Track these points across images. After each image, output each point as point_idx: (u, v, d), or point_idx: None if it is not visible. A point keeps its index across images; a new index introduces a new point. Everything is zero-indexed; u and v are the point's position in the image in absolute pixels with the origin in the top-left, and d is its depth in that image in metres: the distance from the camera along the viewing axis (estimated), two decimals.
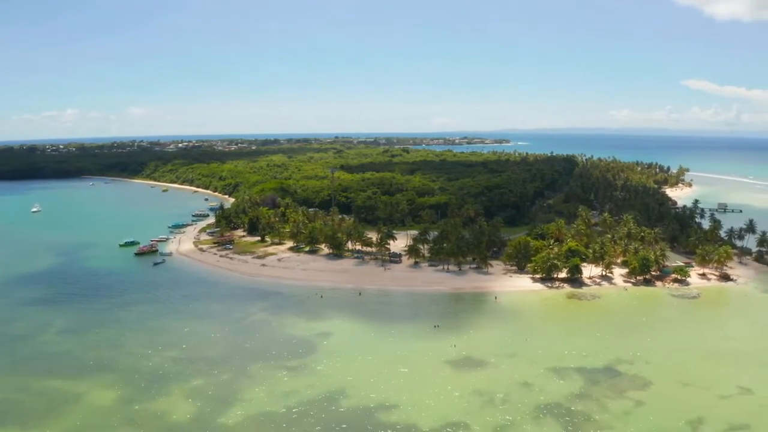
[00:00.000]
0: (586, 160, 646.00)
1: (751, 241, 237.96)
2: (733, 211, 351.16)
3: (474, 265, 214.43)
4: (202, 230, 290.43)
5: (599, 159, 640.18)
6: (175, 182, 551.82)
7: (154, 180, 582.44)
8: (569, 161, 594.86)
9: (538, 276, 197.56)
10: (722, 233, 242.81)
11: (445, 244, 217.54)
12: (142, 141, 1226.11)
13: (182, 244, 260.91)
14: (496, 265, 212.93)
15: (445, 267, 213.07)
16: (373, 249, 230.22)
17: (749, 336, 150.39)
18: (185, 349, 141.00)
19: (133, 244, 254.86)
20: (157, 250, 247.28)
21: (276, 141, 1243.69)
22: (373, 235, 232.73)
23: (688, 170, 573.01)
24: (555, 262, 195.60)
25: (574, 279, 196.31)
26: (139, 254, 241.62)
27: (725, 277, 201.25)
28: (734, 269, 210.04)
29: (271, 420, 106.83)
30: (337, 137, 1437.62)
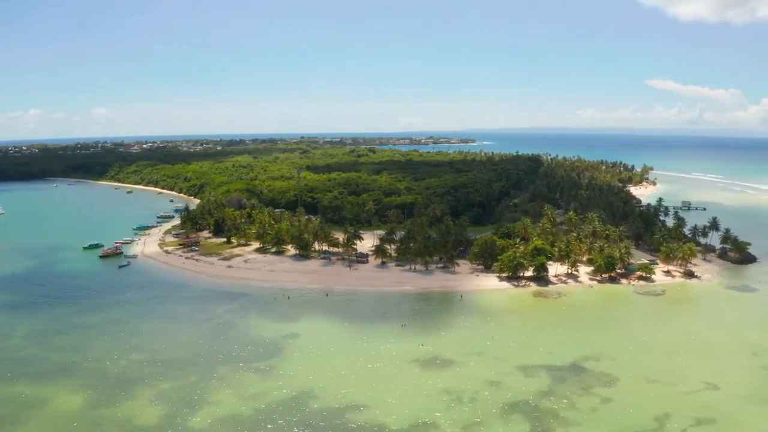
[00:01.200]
0: (551, 159, 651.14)
1: (714, 239, 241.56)
2: (696, 208, 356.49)
3: (441, 265, 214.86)
4: (168, 232, 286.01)
5: (564, 158, 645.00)
6: (139, 183, 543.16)
7: (119, 181, 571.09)
8: (534, 161, 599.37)
9: (504, 275, 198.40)
10: (686, 231, 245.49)
11: (411, 244, 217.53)
12: (106, 142, 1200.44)
13: (147, 246, 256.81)
14: (463, 265, 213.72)
15: (412, 267, 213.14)
16: (340, 249, 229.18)
17: (713, 332, 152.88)
18: (152, 352, 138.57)
19: (97, 246, 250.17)
20: (121, 253, 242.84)
21: (241, 141, 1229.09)
22: (340, 236, 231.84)
23: (652, 169, 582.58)
24: (521, 260, 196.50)
25: (540, 277, 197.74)
26: (103, 257, 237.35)
27: (689, 274, 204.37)
28: (698, 266, 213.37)
29: (239, 422, 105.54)
30: (302, 137, 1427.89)
